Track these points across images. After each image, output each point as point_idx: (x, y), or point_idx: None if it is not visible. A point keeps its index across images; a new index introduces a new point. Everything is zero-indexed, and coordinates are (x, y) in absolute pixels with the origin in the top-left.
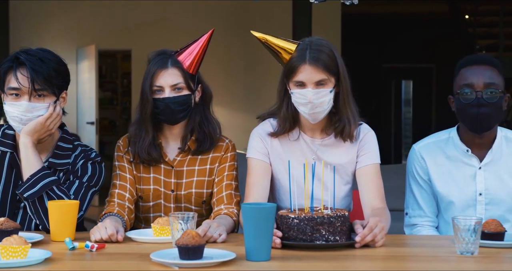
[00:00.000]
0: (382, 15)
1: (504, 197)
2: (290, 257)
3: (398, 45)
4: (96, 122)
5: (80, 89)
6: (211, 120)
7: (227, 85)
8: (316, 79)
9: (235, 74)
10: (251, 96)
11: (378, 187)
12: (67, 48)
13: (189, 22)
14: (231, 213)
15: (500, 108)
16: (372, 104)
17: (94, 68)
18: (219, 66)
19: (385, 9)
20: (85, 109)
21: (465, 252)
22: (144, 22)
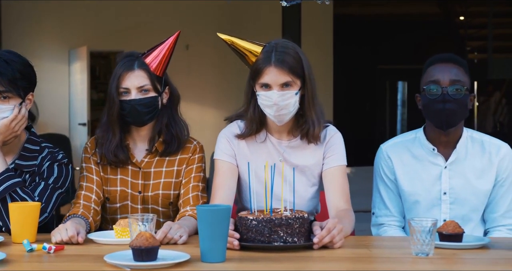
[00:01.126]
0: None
1: (468, 196)
2: (246, 259)
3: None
4: (88, 123)
5: (72, 91)
6: (179, 122)
7: (219, 86)
8: (281, 82)
9: (227, 75)
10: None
11: (343, 188)
12: (60, 49)
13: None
14: (196, 214)
15: (465, 106)
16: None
17: (86, 70)
18: (211, 67)
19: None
20: (77, 110)
21: (420, 253)
22: (136, 24)
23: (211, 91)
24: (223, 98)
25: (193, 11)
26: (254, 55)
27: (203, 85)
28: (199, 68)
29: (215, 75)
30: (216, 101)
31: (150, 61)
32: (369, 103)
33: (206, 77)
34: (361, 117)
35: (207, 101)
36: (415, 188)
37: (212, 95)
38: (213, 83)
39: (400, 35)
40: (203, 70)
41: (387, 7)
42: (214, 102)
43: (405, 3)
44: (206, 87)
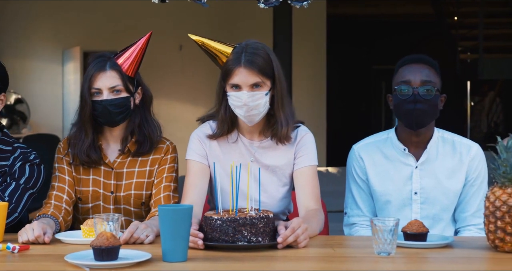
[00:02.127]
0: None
1: (439, 196)
2: (208, 258)
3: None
4: None
5: (66, 91)
6: (151, 122)
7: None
8: (251, 82)
9: None
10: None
11: (314, 188)
12: (54, 50)
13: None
14: None
15: (435, 106)
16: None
17: (79, 70)
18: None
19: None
20: (71, 110)
21: (382, 253)
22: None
23: (205, 92)
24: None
25: (187, 11)
26: (225, 56)
27: (196, 85)
28: (193, 69)
29: (209, 76)
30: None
31: (122, 62)
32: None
33: (200, 77)
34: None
35: (201, 101)
36: (386, 188)
37: (205, 96)
38: (207, 84)
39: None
40: (197, 70)
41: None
42: (207, 102)
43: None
44: (199, 87)
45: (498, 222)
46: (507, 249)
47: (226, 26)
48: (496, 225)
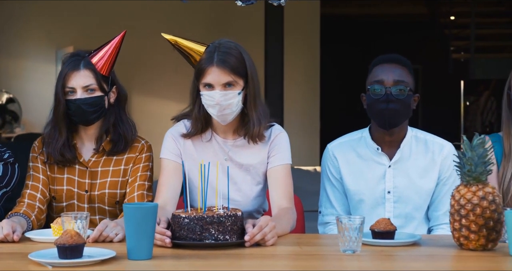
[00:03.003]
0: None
1: (411, 195)
2: (173, 256)
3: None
4: None
5: None
6: (126, 121)
7: None
8: (223, 81)
9: None
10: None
11: (286, 187)
12: (47, 50)
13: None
14: None
15: (408, 106)
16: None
17: None
18: None
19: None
20: None
21: (347, 250)
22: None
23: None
24: None
25: (180, 11)
26: (198, 55)
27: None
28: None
29: None
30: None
31: (96, 61)
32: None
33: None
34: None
35: None
36: (360, 187)
37: None
38: None
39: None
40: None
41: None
42: None
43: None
44: None
45: (463, 220)
46: (471, 247)
47: (220, 26)
48: (461, 223)
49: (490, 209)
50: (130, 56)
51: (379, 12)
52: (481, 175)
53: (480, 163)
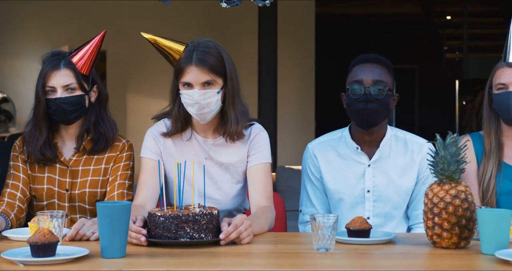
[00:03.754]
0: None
1: (391, 194)
2: (147, 254)
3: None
4: None
5: None
6: (107, 121)
7: None
8: (202, 80)
9: None
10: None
11: (265, 186)
12: (43, 49)
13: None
14: None
15: (387, 106)
16: None
17: None
18: None
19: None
20: None
21: (320, 248)
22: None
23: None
24: None
25: (175, 11)
26: (178, 54)
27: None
28: None
29: None
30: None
31: (76, 61)
32: None
33: None
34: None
35: None
36: (340, 186)
37: None
38: None
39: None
40: None
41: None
42: None
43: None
44: None
45: (436, 218)
46: (444, 245)
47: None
48: (434, 221)
49: (462, 207)
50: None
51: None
52: (454, 174)
53: (453, 162)
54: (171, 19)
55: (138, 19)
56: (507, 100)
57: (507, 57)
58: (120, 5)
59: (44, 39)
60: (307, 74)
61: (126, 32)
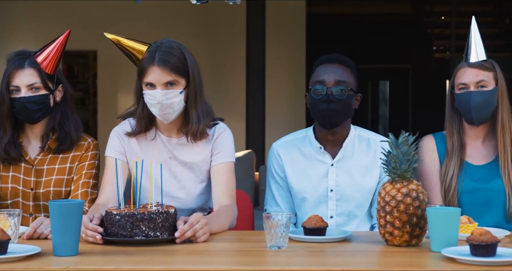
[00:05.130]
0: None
1: (353, 193)
2: (102, 252)
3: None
4: None
5: None
6: (72, 120)
7: None
8: (164, 81)
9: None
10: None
11: (228, 185)
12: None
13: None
14: None
15: (349, 106)
16: None
17: None
18: None
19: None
20: None
21: (273, 246)
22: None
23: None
24: None
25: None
26: (141, 54)
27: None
28: None
29: None
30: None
31: (41, 60)
32: None
33: None
34: None
35: None
36: (303, 185)
37: None
38: None
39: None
40: None
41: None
42: None
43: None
44: None
45: (388, 216)
46: (396, 243)
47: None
48: (386, 220)
49: (413, 206)
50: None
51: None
52: (406, 172)
53: (405, 160)
54: (162, 19)
55: (128, 20)
56: (468, 100)
57: (468, 58)
58: (111, 6)
59: (35, 40)
60: (297, 74)
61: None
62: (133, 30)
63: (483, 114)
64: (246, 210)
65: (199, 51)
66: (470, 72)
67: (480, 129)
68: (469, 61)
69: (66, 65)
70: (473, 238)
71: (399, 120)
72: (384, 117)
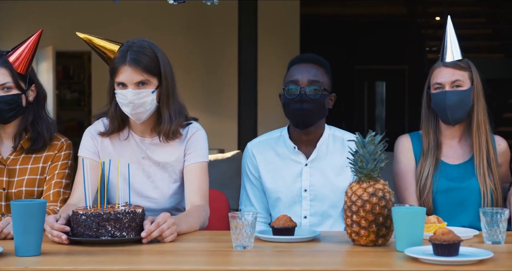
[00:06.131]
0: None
1: (327, 193)
2: (66, 252)
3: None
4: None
5: None
6: (45, 120)
7: (187, 86)
8: (136, 80)
9: (195, 75)
10: (210, 97)
11: (201, 185)
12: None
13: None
14: (52, 210)
15: (322, 106)
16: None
17: (52, 69)
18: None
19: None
20: None
21: (238, 246)
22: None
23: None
24: (190, 98)
25: (160, 11)
26: (112, 54)
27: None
28: None
29: (183, 75)
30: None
31: (13, 60)
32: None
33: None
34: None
35: None
36: (277, 185)
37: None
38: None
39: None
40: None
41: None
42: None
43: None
44: None
45: (354, 216)
46: (362, 243)
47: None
48: (352, 219)
49: (379, 205)
50: None
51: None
52: (372, 172)
53: (371, 160)
54: (156, 20)
55: (122, 21)
56: (444, 100)
57: (444, 57)
58: (104, 7)
59: None
60: None
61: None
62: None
63: (459, 114)
64: (223, 210)
65: (192, 51)
66: (445, 72)
67: (456, 129)
68: (444, 61)
69: (61, 66)
70: (435, 237)
71: (395, 121)
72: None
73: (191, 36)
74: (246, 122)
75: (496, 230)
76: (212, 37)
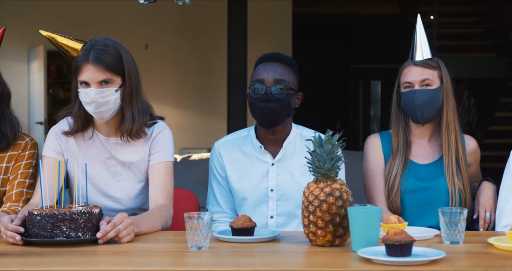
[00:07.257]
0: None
1: (293, 193)
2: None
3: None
4: (45, 122)
5: (32, 89)
6: (9, 119)
7: (179, 86)
8: (98, 79)
9: (187, 74)
10: (201, 97)
11: (165, 184)
12: (20, 49)
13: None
14: (13, 210)
15: (288, 105)
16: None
17: (43, 68)
18: (171, 67)
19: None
20: (36, 108)
21: (193, 247)
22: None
23: (171, 91)
24: (182, 97)
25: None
26: (75, 52)
27: (162, 84)
28: (159, 68)
29: (175, 75)
30: (175, 101)
31: None
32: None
33: (166, 76)
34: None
35: (167, 100)
36: (244, 185)
37: (171, 95)
38: (173, 83)
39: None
40: (163, 69)
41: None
42: (173, 101)
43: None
44: (165, 86)
45: (311, 216)
46: (319, 243)
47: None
48: (309, 219)
49: (336, 205)
50: None
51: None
52: (330, 171)
53: (328, 159)
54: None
55: (114, 20)
56: (413, 99)
57: (414, 56)
58: (96, 6)
59: (21, 40)
60: None
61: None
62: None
63: (428, 113)
64: (192, 210)
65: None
66: (414, 71)
67: (426, 128)
68: (414, 59)
69: (54, 66)
70: (387, 237)
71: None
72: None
73: (182, 36)
74: (235, 122)
75: (454, 230)
76: (203, 38)
